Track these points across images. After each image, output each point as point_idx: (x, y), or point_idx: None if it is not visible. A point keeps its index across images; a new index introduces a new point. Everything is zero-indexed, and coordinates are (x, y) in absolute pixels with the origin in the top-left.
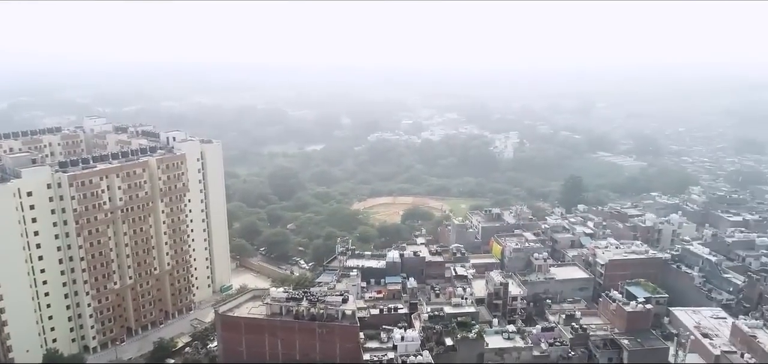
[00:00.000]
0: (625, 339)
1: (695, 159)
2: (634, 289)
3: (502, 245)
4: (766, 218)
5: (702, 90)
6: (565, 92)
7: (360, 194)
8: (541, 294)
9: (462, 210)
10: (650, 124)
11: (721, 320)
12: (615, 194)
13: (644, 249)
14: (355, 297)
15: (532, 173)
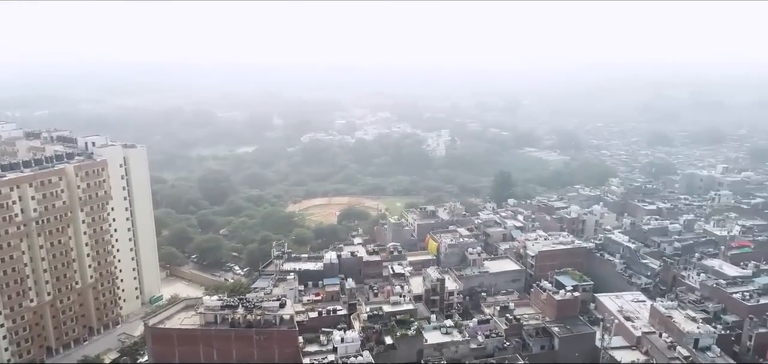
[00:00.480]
0: (555, 327)
1: (613, 152)
2: (562, 278)
3: (437, 241)
4: (677, 206)
5: (618, 88)
6: (492, 91)
7: (295, 196)
8: (476, 288)
9: (398, 209)
10: (572, 121)
11: (641, 303)
12: (542, 188)
13: (570, 240)
14: (293, 301)
15: (464, 170)
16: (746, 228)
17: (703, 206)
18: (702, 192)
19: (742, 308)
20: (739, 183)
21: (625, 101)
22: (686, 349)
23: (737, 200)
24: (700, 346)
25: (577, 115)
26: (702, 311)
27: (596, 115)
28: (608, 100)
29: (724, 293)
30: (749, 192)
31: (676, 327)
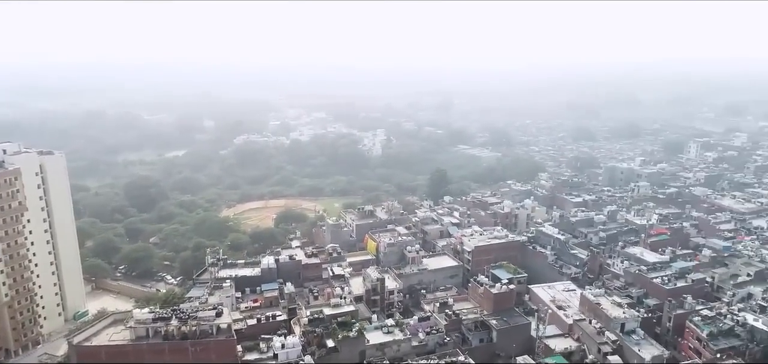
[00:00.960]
0: (493, 319)
1: (541, 148)
2: (498, 271)
3: (376, 241)
4: (601, 198)
5: (544, 87)
6: (425, 90)
7: (229, 200)
8: (415, 285)
9: (335, 209)
10: (502, 118)
11: (572, 292)
12: (476, 184)
13: (504, 234)
14: (230, 309)
15: (401, 169)
16: (663, 216)
17: (624, 197)
18: (623, 184)
19: (661, 292)
20: (656, 174)
21: (552, 100)
22: (614, 333)
23: (654, 191)
24: (626, 329)
25: (507, 113)
26: (626, 296)
27: (525, 113)
28: (536, 99)
29: (645, 278)
30: (664, 182)
31: (604, 313)
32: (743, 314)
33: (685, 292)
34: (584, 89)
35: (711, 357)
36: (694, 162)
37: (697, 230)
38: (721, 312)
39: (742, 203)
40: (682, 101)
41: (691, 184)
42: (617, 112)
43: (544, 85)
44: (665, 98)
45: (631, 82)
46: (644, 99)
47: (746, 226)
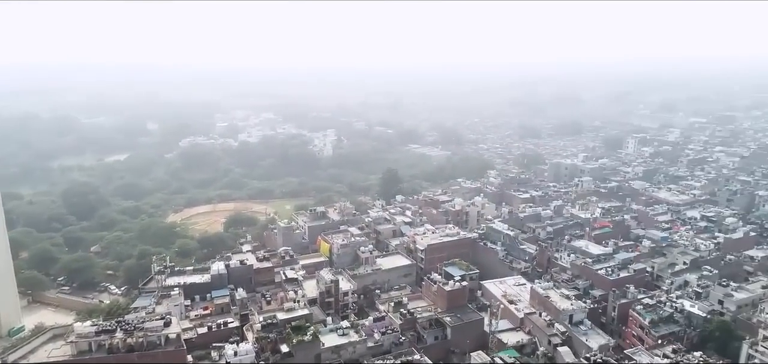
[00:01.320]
0: (447, 317)
1: (489, 146)
2: (451, 269)
3: (329, 242)
4: (547, 193)
5: (489, 86)
6: (375, 90)
7: (175, 205)
8: (370, 286)
9: (287, 211)
10: (451, 117)
11: (522, 286)
12: (427, 183)
13: (456, 231)
14: (179, 318)
15: (352, 169)
16: (605, 210)
17: (569, 192)
18: (567, 179)
19: (606, 283)
20: (597, 169)
21: (498, 98)
22: (563, 325)
23: (597, 185)
24: (574, 321)
25: (456, 112)
26: (574, 288)
27: (473, 112)
28: (483, 98)
29: (590, 270)
30: (606, 177)
31: (553, 306)
32: (681, 301)
33: (628, 282)
34: (529, 88)
35: (653, 343)
36: (632, 157)
37: (637, 222)
38: (661, 300)
39: (677, 195)
40: (620, 99)
41: (630, 178)
42: (560, 110)
43: (491, 84)
44: (605, 96)
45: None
46: (585, 97)
47: (681, 217)
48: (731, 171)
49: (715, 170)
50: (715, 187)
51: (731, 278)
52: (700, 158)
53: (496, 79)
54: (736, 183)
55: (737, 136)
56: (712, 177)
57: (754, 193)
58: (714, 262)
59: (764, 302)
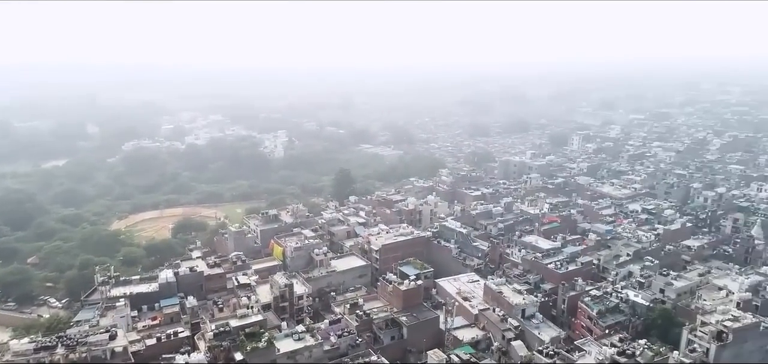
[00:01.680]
0: (403, 316)
1: (440, 144)
2: (405, 268)
3: (282, 245)
4: (498, 190)
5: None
6: (325, 90)
7: (120, 212)
8: (325, 288)
9: (238, 215)
10: (402, 117)
11: (476, 283)
12: (380, 182)
13: (410, 230)
14: (126, 330)
15: (304, 170)
16: (553, 205)
17: (518, 189)
18: (516, 176)
19: (555, 277)
20: (544, 166)
21: (447, 98)
22: (516, 319)
23: (544, 181)
24: (526, 315)
25: (407, 112)
26: (525, 283)
27: (423, 111)
28: (433, 97)
29: (540, 264)
30: (553, 173)
31: (506, 301)
32: (626, 291)
33: (576, 275)
34: (477, 88)
35: (600, 333)
36: (577, 153)
37: (583, 217)
38: (607, 291)
39: (620, 190)
40: (564, 98)
41: (575, 173)
42: (508, 109)
43: (439, 84)
44: (549, 95)
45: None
46: (531, 96)
47: (624, 210)
48: (668, 165)
49: (654, 165)
50: (654, 181)
51: (671, 268)
52: (639, 154)
53: (444, 79)
54: (672, 177)
55: (672, 131)
56: (651, 171)
57: (689, 185)
58: (655, 252)
59: (701, 289)
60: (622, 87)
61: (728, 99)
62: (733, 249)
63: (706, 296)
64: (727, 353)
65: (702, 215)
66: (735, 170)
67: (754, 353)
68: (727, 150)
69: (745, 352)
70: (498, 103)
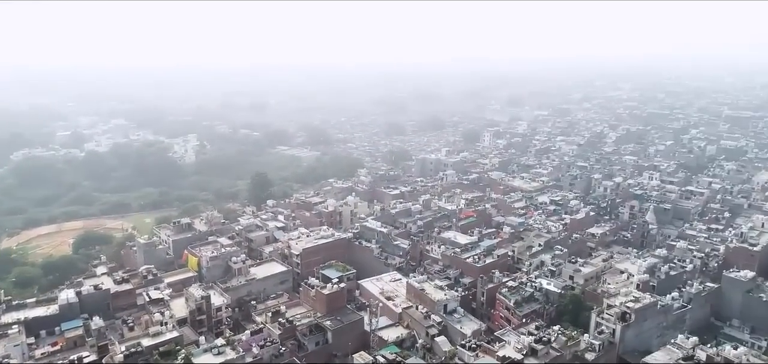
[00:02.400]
0: (327, 321)
1: (358, 144)
2: (327, 271)
3: (197, 256)
4: (416, 188)
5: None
6: (236, 91)
7: (11, 228)
8: (245, 297)
9: (147, 226)
10: (318, 117)
11: (398, 282)
12: (298, 185)
13: (331, 233)
14: (22, 359)
15: (218, 175)
16: (469, 201)
17: (435, 186)
18: (433, 173)
19: (474, 270)
20: (459, 163)
21: (363, 97)
22: (438, 315)
23: (459, 178)
24: (448, 310)
25: (323, 112)
26: (445, 278)
27: (339, 111)
28: (348, 97)
29: (459, 259)
30: (467, 169)
31: (428, 298)
32: (539, 280)
33: (493, 267)
34: (391, 87)
35: (518, 322)
36: (489, 149)
37: (497, 210)
38: (523, 281)
39: (529, 183)
40: (475, 95)
41: (488, 169)
42: (422, 107)
43: (354, 83)
44: (461, 93)
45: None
46: (444, 94)
47: (534, 202)
48: (571, 158)
49: (558, 158)
50: (559, 173)
51: (578, 255)
52: (545, 148)
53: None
54: (575, 169)
55: (573, 126)
56: (556, 164)
57: (591, 176)
58: (563, 241)
59: (605, 274)
60: (526, 85)
61: (620, 95)
62: (631, 234)
63: (610, 279)
64: (631, 332)
65: (603, 203)
66: (629, 161)
67: (653, 330)
68: (622, 142)
69: (645, 329)
70: (412, 102)
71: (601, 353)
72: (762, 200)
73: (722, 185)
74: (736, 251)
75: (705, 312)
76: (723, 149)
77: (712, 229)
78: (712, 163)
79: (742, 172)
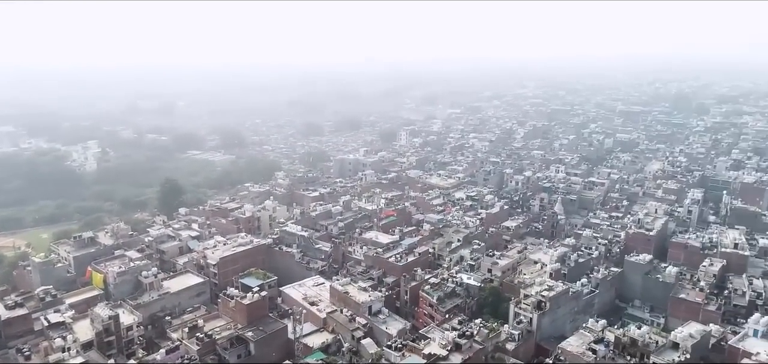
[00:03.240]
0: (249, 331)
1: (274, 146)
2: (247, 280)
3: (102, 272)
4: (335, 189)
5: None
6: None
7: None
8: (158, 313)
9: (44, 242)
10: (231, 119)
11: (321, 286)
12: (213, 191)
13: (249, 239)
14: None
15: (124, 183)
16: (389, 200)
17: (355, 186)
18: (352, 174)
19: (396, 269)
20: (378, 162)
21: (277, 98)
22: (363, 317)
23: (378, 177)
24: (373, 311)
25: (236, 114)
26: (369, 279)
27: (253, 113)
28: (261, 98)
29: (382, 259)
30: (385, 168)
31: (352, 300)
32: (460, 275)
33: (415, 265)
34: (306, 87)
35: (442, 319)
36: (405, 148)
37: (416, 208)
38: (444, 277)
39: (446, 180)
40: (390, 95)
41: (406, 167)
42: (339, 107)
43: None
44: (376, 93)
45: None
46: (360, 94)
47: (451, 199)
48: (484, 154)
49: (472, 154)
50: (474, 169)
51: (495, 248)
52: (459, 145)
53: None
54: (488, 164)
55: (485, 123)
56: (471, 161)
57: (503, 171)
58: (480, 236)
59: (520, 265)
60: (438, 84)
61: (525, 92)
62: (542, 225)
63: (525, 270)
64: (546, 320)
65: (515, 197)
66: (537, 155)
67: (566, 316)
68: (529, 138)
69: (559, 316)
70: (329, 102)
71: (520, 342)
72: (654, 188)
73: (620, 175)
74: (634, 237)
75: (611, 295)
76: (619, 142)
77: (613, 217)
78: (609, 155)
79: (635, 162)
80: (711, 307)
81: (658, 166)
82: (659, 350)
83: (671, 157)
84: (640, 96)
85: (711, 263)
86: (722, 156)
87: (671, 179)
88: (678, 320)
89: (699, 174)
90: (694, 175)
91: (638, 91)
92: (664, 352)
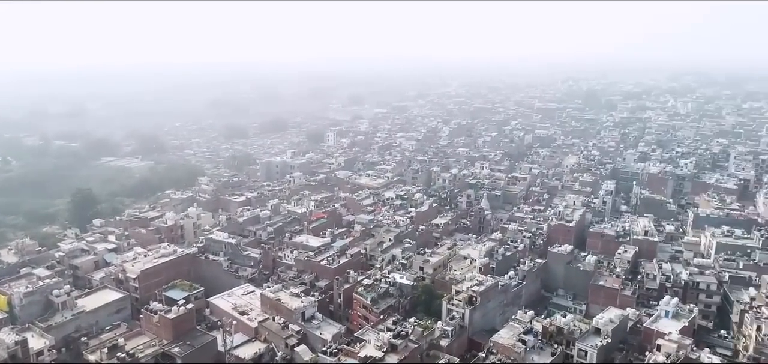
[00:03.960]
0: (175, 347)
1: (196, 150)
2: (172, 293)
3: (6, 293)
4: (263, 193)
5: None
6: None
7: None
8: (73, 335)
9: None
10: (148, 123)
11: (252, 294)
12: (130, 199)
13: (172, 250)
14: None
15: (29, 195)
16: (318, 202)
17: (283, 189)
18: (279, 176)
19: (329, 272)
20: (306, 164)
21: (196, 99)
22: (297, 324)
23: (307, 179)
24: (306, 317)
25: (153, 117)
26: (301, 284)
27: (172, 115)
28: (179, 100)
29: (313, 262)
30: (314, 170)
31: (284, 307)
32: (393, 275)
33: (348, 267)
34: (227, 88)
35: (376, 319)
36: (334, 149)
37: (346, 209)
38: (377, 278)
39: (375, 179)
40: (316, 95)
41: (334, 168)
42: (263, 109)
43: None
44: (302, 93)
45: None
46: (285, 95)
47: (381, 198)
48: (411, 153)
49: (400, 153)
50: (402, 168)
51: (425, 246)
52: (387, 144)
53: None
54: (416, 163)
55: (411, 122)
56: (399, 160)
57: (430, 169)
58: (411, 234)
59: (451, 262)
60: (364, 84)
61: (449, 91)
62: (470, 221)
63: (455, 266)
64: (477, 314)
65: (443, 194)
66: (462, 152)
67: (496, 309)
68: (454, 135)
69: (490, 310)
70: (253, 104)
71: (453, 338)
72: (571, 181)
73: (540, 170)
74: (556, 228)
75: (536, 286)
76: (538, 138)
77: (536, 210)
78: (530, 150)
79: (554, 157)
80: (627, 292)
81: (574, 160)
82: (583, 337)
83: (585, 151)
84: (554, 93)
85: (625, 250)
86: (630, 149)
87: (586, 172)
88: (598, 306)
89: (610, 166)
90: (606, 168)
91: (553, 89)
92: (588, 338)
